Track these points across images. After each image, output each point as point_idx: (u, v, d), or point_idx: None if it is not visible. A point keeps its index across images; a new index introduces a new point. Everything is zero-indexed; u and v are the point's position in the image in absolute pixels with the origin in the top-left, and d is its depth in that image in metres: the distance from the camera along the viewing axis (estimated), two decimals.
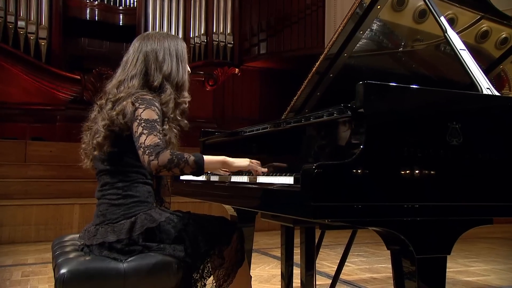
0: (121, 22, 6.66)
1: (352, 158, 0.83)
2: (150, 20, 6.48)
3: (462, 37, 1.20)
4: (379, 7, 1.36)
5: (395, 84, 0.91)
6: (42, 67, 5.72)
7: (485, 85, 1.07)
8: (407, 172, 0.87)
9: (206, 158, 1.05)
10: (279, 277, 1.66)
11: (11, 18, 5.69)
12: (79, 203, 3.71)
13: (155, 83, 1.15)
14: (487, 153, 0.96)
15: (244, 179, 1.17)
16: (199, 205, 3.73)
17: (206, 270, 1.15)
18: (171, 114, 1.13)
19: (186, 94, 1.20)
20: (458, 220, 0.93)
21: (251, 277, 1.29)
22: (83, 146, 1.19)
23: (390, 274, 0.99)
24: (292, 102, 1.64)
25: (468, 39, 1.41)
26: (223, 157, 1.12)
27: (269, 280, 2.38)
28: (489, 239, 3.95)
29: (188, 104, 1.21)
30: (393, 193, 0.86)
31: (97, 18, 6.51)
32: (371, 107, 0.87)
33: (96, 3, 6.49)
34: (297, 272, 1.46)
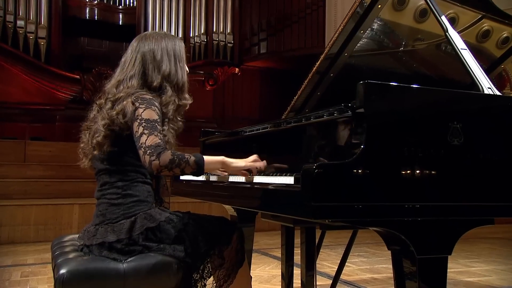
0: (120, 22, 6.65)
1: (353, 158, 0.83)
2: (150, 19, 6.47)
3: (463, 36, 1.20)
4: (379, 6, 1.35)
5: (395, 84, 0.90)
6: (42, 66, 5.71)
7: (486, 84, 1.07)
8: (408, 172, 0.86)
9: (206, 159, 1.06)
10: (279, 277, 1.66)
11: (10, 18, 5.67)
12: (79, 203, 3.70)
13: (154, 83, 1.15)
14: (488, 153, 0.96)
15: (242, 178, 1.17)
16: (199, 205, 3.73)
17: (206, 271, 1.15)
18: (171, 115, 1.13)
19: (187, 96, 1.20)
20: (459, 220, 0.93)
21: (251, 278, 1.29)
22: (81, 146, 1.19)
23: (391, 275, 0.99)
24: (293, 102, 1.64)
25: (469, 38, 1.40)
26: (222, 158, 1.13)
27: (270, 280, 2.38)
28: (490, 239, 3.94)
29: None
30: (394, 193, 0.86)
31: (96, 17, 6.50)
32: (372, 106, 0.87)
33: (95, 2, 6.47)
34: (297, 273, 1.45)
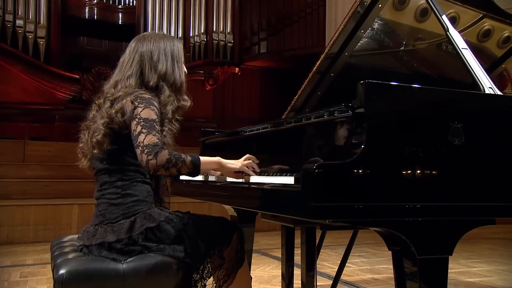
0: (120, 21, 6.63)
1: (353, 158, 0.82)
2: (149, 19, 6.46)
3: (464, 36, 1.19)
4: (380, 5, 1.35)
5: (396, 84, 0.90)
6: (41, 66, 5.69)
7: (487, 84, 1.06)
8: (409, 172, 0.86)
9: (202, 159, 1.07)
10: (279, 277, 1.66)
11: (9, 17, 5.66)
12: (78, 203, 3.70)
13: (150, 83, 1.16)
14: (489, 153, 0.95)
15: (240, 179, 1.17)
16: (199, 205, 3.73)
17: (206, 271, 1.15)
18: (170, 116, 1.14)
19: (186, 97, 1.20)
20: (460, 221, 0.93)
21: (251, 278, 1.29)
22: (80, 146, 1.20)
23: (392, 275, 0.98)
24: (293, 102, 1.64)
25: (470, 38, 1.40)
26: (218, 158, 1.13)
27: (270, 281, 2.38)
28: (491, 239, 3.93)
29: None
30: (395, 193, 0.85)
31: (96, 17, 6.49)
32: (372, 106, 0.87)
33: (95, 2, 6.46)
34: (297, 273, 1.45)
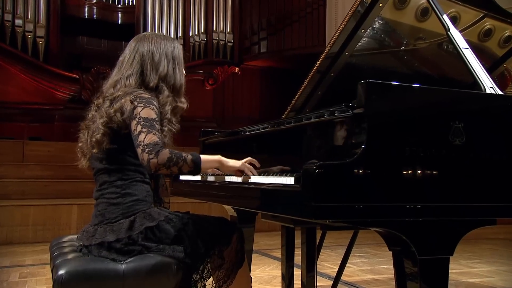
0: (119, 21, 6.62)
1: (354, 158, 0.82)
2: (149, 18, 6.45)
3: (465, 35, 1.19)
4: (380, 5, 1.35)
5: (397, 83, 0.90)
6: (40, 66, 5.69)
7: (488, 84, 1.06)
8: (409, 172, 0.86)
9: (202, 157, 1.07)
10: (279, 278, 1.66)
11: (8, 17, 5.65)
12: (78, 204, 3.69)
13: (151, 83, 1.16)
14: (490, 153, 0.95)
15: (241, 178, 1.17)
16: (198, 205, 3.73)
17: (206, 271, 1.15)
18: (168, 116, 1.14)
19: (183, 100, 1.21)
20: (460, 221, 0.93)
21: (251, 278, 1.28)
22: (79, 145, 1.20)
23: (392, 276, 0.98)
24: (293, 102, 1.63)
25: (471, 37, 1.40)
26: (219, 156, 1.14)
27: (270, 281, 2.37)
28: (492, 240, 3.93)
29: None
30: (395, 193, 0.85)
31: (95, 16, 6.48)
32: (373, 106, 0.86)
33: (94, 1, 6.44)
34: (298, 273, 1.45)
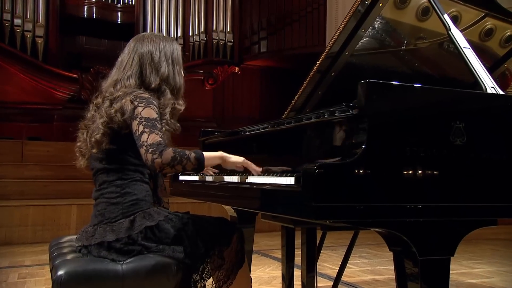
0: (119, 20, 6.61)
1: (354, 158, 0.82)
2: (148, 18, 6.44)
3: (466, 35, 1.19)
4: (381, 4, 1.34)
5: (397, 83, 0.89)
6: (39, 65, 5.68)
7: (489, 84, 1.06)
8: (410, 172, 0.86)
9: (205, 154, 1.09)
10: (279, 279, 1.66)
11: (7, 16, 5.65)
12: (77, 204, 3.68)
13: (152, 85, 1.16)
14: (491, 153, 0.95)
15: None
16: (198, 205, 3.72)
17: (206, 271, 1.14)
18: (167, 117, 1.15)
19: (181, 102, 1.21)
20: (461, 221, 0.92)
21: (251, 279, 1.28)
22: (78, 144, 1.20)
23: (393, 276, 0.98)
24: (293, 101, 1.63)
25: (472, 37, 1.39)
26: (220, 153, 1.15)
27: (270, 282, 2.37)
28: (493, 240, 3.92)
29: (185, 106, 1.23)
30: (396, 193, 0.85)
31: (95, 16, 6.47)
32: (373, 106, 0.86)
33: (94, 0, 6.43)
34: (298, 274, 1.45)
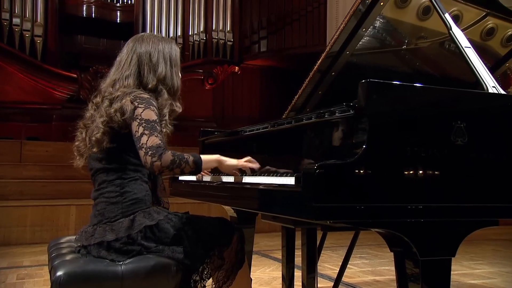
0: (118, 19, 6.60)
1: (355, 158, 0.81)
2: (148, 17, 6.42)
3: (467, 34, 1.18)
4: (382, 3, 1.34)
5: (398, 83, 0.89)
6: (38, 65, 5.66)
7: (490, 83, 1.05)
8: (411, 172, 0.85)
9: (203, 158, 1.10)
10: (280, 279, 1.65)
11: (6, 15, 5.63)
12: (76, 204, 3.67)
13: (149, 85, 1.16)
14: (492, 153, 0.94)
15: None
16: (198, 206, 3.71)
17: (206, 272, 1.14)
18: (165, 118, 1.15)
19: (179, 104, 1.22)
20: (462, 222, 0.92)
21: (251, 279, 1.28)
22: (76, 144, 1.20)
23: (394, 277, 0.98)
24: (293, 101, 1.63)
25: (473, 36, 1.39)
26: (217, 156, 1.16)
27: (270, 282, 2.36)
28: (494, 241, 3.91)
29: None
30: (396, 193, 0.84)
31: (94, 15, 6.45)
32: (374, 106, 0.85)
33: (92, 0, 6.43)
34: (298, 275, 1.44)
